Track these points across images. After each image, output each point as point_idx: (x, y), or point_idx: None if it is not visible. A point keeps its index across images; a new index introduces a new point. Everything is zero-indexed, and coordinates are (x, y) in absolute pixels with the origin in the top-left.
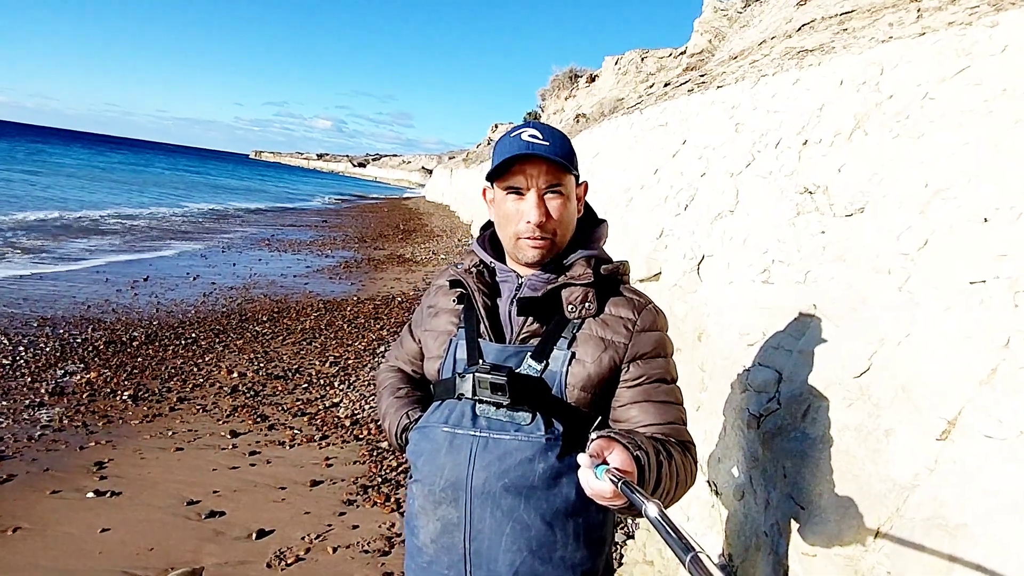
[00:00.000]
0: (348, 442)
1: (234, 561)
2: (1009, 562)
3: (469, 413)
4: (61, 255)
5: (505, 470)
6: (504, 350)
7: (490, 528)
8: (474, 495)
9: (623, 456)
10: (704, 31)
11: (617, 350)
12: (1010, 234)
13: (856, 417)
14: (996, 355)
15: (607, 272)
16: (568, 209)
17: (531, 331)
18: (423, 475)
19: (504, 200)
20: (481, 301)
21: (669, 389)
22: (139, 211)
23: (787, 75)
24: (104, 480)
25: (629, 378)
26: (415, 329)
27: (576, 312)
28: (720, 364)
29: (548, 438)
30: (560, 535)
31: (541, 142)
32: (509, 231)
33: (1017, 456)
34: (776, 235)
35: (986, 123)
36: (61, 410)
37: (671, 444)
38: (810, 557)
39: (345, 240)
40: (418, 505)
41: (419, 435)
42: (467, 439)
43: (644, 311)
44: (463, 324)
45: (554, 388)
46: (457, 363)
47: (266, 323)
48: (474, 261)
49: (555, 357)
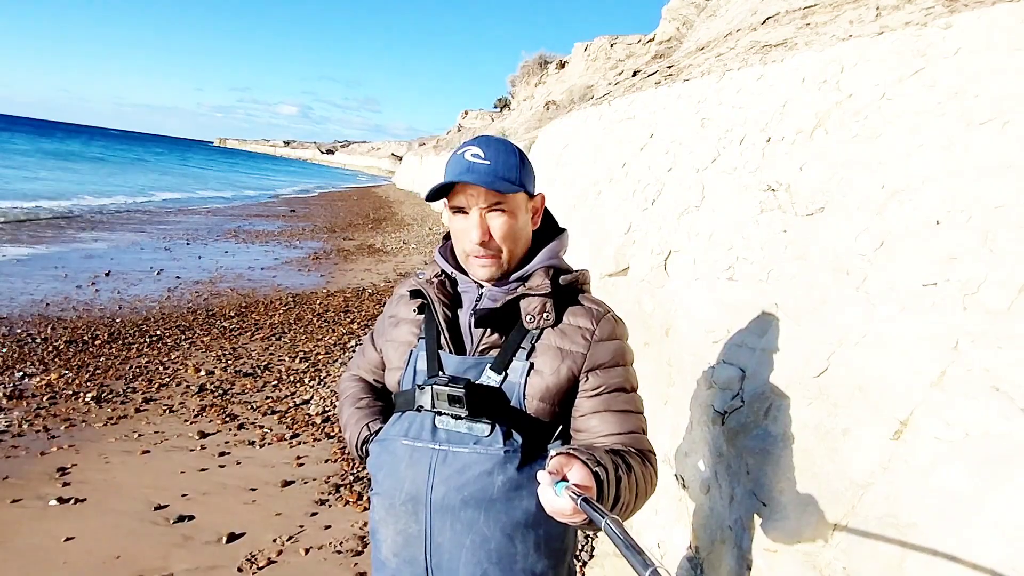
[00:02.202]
0: (319, 440)
1: (204, 567)
2: (956, 559)
3: (429, 426)
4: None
5: (464, 483)
6: (464, 361)
7: (450, 541)
8: (434, 508)
9: (582, 472)
10: (672, 18)
11: (575, 360)
12: (960, 237)
13: (815, 416)
14: (946, 357)
15: (565, 283)
16: (514, 226)
17: (490, 342)
18: (383, 489)
19: (452, 218)
20: (442, 312)
21: (628, 398)
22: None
23: (752, 70)
24: (67, 487)
25: (588, 388)
26: (377, 339)
27: (535, 323)
28: (687, 360)
29: (507, 450)
30: (521, 546)
31: (482, 162)
32: (459, 249)
33: (963, 457)
34: (740, 232)
35: (939, 125)
36: (20, 414)
37: (631, 455)
38: (772, 552)
39: (314, 230)
40: (379, 517)
41: (379, 447)
42: (426, 452)
43: (603, 320)
44: (423, 335)
45: (513, 399)
46: (417, 374)
47: (233, 319)
48: (436, 271)
49: (514, 368)
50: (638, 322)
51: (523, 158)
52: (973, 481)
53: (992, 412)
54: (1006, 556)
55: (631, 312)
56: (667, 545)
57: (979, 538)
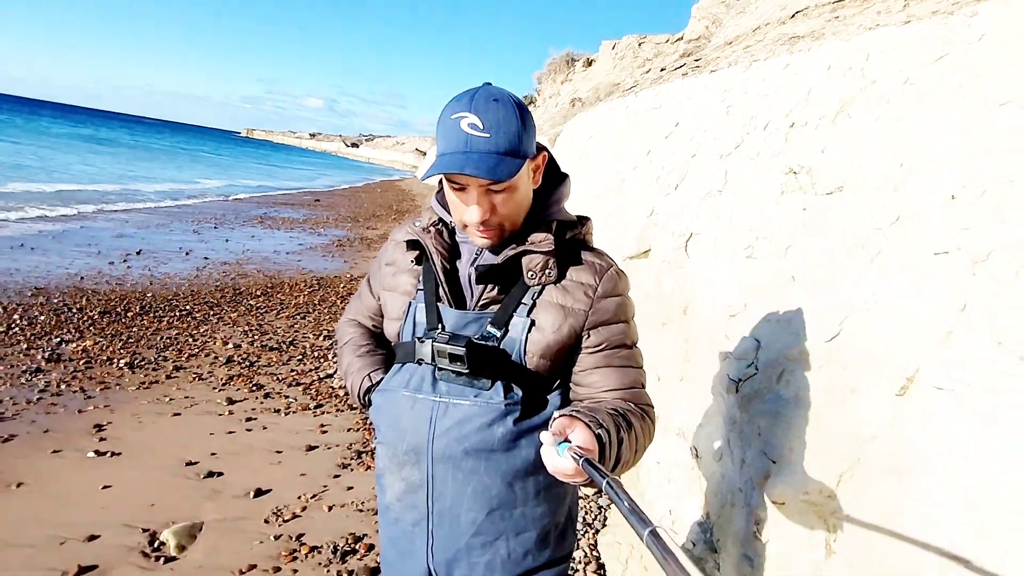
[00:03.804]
0: (342, 411)
1: (232, 517)
2: (948, 502)
3: (429, 378)
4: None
5: (465, 435)
6: (464, 316)
7: (452, 489)
8: (435, 458)
9: (585, 435)
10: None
11: (577, 318)
12: (974, 210)
13: (825, 378)
14: (953, 319)
15: (568, 236)
16: (517, 200)
17: (491, 297)
18: (386, 438)
19: (447, 188)
20: (440, 265)
21: (629, 353)
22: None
23: (778, 60)
24: (103, 441)
25: (590, 344)
26: (374, 285)
27: (536, 279)
28: (704, 336)
29: (507, 403)
30: (520, 493)
31: (480, 135)
32: (456, 218)
33: (964, 406)
34: (761, 213)
35: (959, 107)
36: (58, 376)
37: (631, 412)
38: (779, 506)
39: (338, 219)
40: (383, 465)
41: (381, 398)
42: (427, 404)
43: (605, 276)
44: (421, 286)
45: (513, 355)
46: (416, 327)
47: (260, 297)
48: (432, 219)
49: (514, 324)
50: (657, 302)
51: (524, 116)
52: (972, 427)
53: (995, 366)
54: (1001, 497)
55: (651, 293)
56: (678, 512)
57: (975, 483)
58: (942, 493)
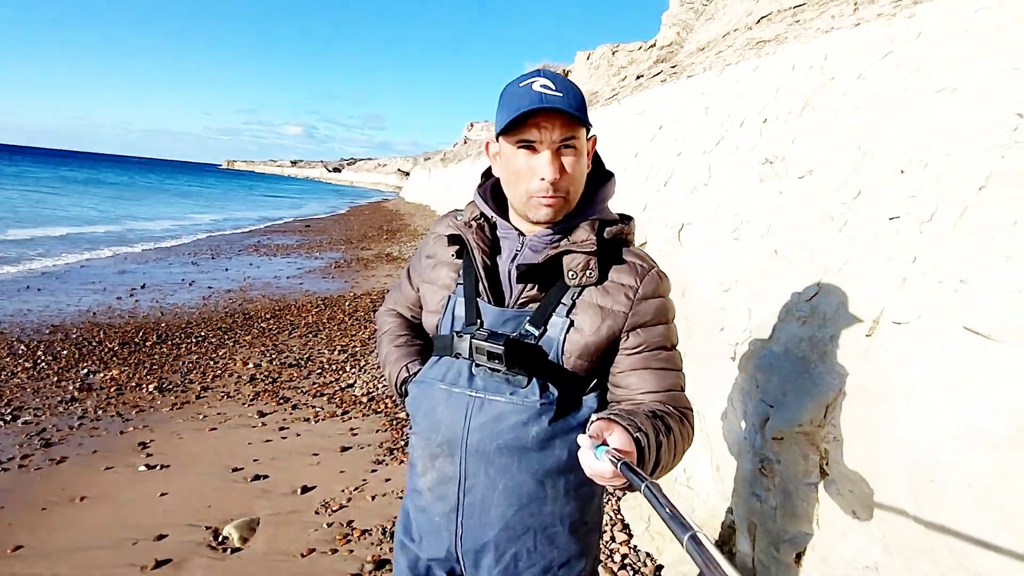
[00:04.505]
0: (368, 415)
1: (285, 511)
2: (910, 414)
3: (466, 372)
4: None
5: (499, 432)
6: (503, 314)
7: (484, 484)
8: (469, 453)
9: (623, 438)
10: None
11: (616, 319)
12: (919, 181)
13: (808, 330)
14: (906, 269)
15: (610, 235)
16: (582, 166)
17: (530, 295)
18: (421, 429)
19: (515, 155)
20: (481, 260)
21: (668, 356)
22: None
23: (748, 64)
24: (150, 456)
25: (629, 346)
26: (413, 276)
27: (577, 280)
28: (702, 312)
29: (543, 403)
30: (551, 491)
31: (554, 93)
32: (520, 189)
33: (916, 336)
34: (744, 200)
35: (904, 96)
36: (93, 403)
37: (669, 416)
38: (778, 440)
39: (331, 243)
40: (417, 455)
41: (417, 389)
42: (463, 398)
43: (647, 277)
44: (461, 280)
45: (551, 354)
46: (455, 321)
47: (270, 320)
48: (474, 214)
49: (553, 324)
50: None
51: (583, 95)
52: (923, 351)
53: (935, 299)
54: (951, 407)
55: None
56: (692, 470)
57: (932, 397)
58: (906, 409)
